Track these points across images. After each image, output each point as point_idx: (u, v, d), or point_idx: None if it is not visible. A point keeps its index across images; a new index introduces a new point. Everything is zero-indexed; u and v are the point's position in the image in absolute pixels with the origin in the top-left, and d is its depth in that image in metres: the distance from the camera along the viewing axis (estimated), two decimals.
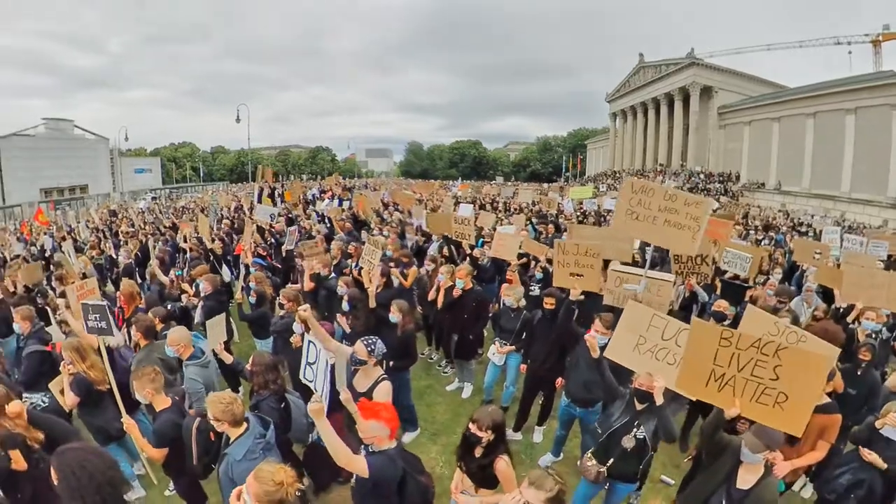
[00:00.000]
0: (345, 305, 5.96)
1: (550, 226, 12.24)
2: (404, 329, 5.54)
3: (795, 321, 5.64)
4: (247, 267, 8.14)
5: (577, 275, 5.32)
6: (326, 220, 13.33)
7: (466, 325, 6.72)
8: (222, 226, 13.91)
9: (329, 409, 3.11)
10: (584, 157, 79.21)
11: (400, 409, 5.53)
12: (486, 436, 3.22)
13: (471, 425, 3.28)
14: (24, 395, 4.85)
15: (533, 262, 8.29)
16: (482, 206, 17.92)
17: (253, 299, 6.88)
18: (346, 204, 16.42)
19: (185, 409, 4.20)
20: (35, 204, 34.63)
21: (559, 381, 5.47)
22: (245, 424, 3.41)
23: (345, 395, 3.59)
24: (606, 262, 6.50)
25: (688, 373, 3.30)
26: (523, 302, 6.21)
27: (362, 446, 3.19)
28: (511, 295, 6.11)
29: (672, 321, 3.80)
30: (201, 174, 76.10)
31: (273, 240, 11.01)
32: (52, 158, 53.28)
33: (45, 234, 16.68)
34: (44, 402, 4.83)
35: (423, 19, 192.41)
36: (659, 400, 3.56)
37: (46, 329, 5.94)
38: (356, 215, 13.69)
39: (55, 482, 2.76)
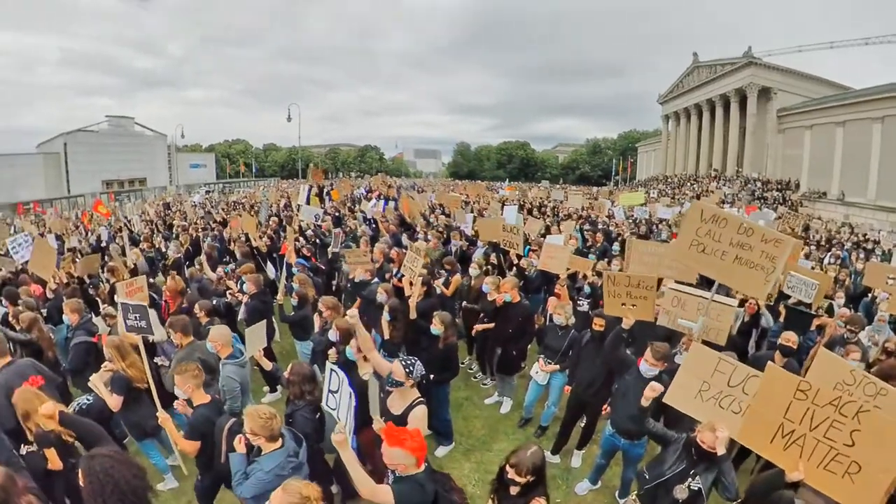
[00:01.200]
0: (385, 316, 5.82)
1: (599, 234, 11.75)
2: (446, 342, 5.38)
3: (864, 356, 5.19)
4: (290, 267, 8.15)
5: (631, 305, 4.98)
6: (371, 221, 13.34)
7: (511, 340, 6.43)
8: (270, 223, 14.08)
9: (358, 425, 3.05)
10: (635, 161, 77.08)
11: (437, 423, 5.46)
12: (525, 480, 2.98)
13: (509, 469, 3.01)
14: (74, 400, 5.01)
15: (581, 275, 7.94)
16: (529, 210, 17.44)
17: (295, 301, 6.86)
18: (392, 204, 16.29)
19: (223, 408, 4.24)
20: (97, 195, 36.47)
21: (606, 407, 5.15)
22: (280, 441, 3.37)
23: (377, 426, 3.52)
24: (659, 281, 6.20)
25: (754, 424, 3.03)
26: (572, 320, 5.95)
27: (389, 471, 3.09)
28: (561, 313, 5.85)
29: (740, 367, 3.45)
30: (254, 170, 78.40)
31: (318, 240, 11.03)
32: (114, 153, 57.11)
33: (101, 225, 17.34)
34: (88, 400, 4.91)
35: (472, 20, 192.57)
36: (721, 451, 3.22)
37: (93, 321, 6.17)
38: (402, 216, 13.63)
39: (81, 484, 2.83)
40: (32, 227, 19.20)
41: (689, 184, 48.19)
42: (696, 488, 3.34)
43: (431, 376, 4.85)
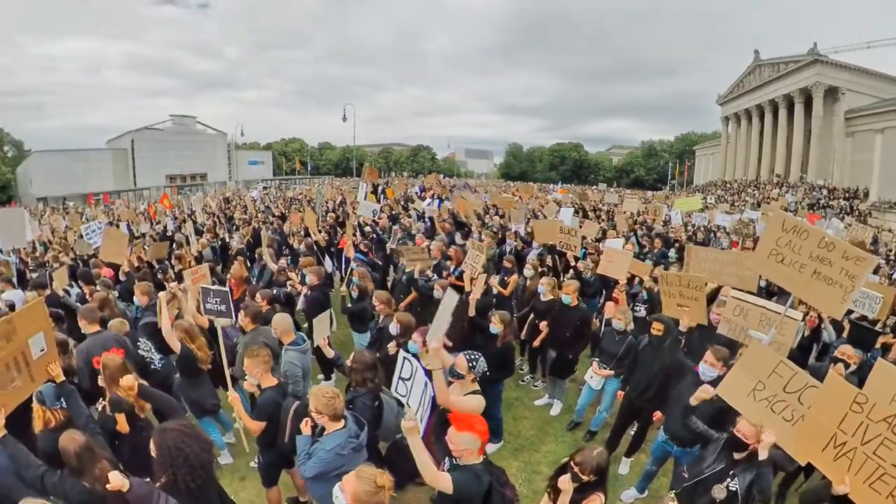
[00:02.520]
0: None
1: (657, 240, 11.33)
2: (504, 341, 5.42)
3: None
4: (349, 261, 8.35)
5: (684, 306, 4.95)
6: (426, 219, 13.48)
7: (567, 344, 6.40)
8: (327, 218, 14.44)
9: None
10: (692, 165, 74.08)
11: (487, 420, 5.44)
12: (587, 479, 3.01)
13: (573, 466, 3.03)
14: (143, 351, 5.45)
15: (637, 280, 7.77)
16: (584, 214, 17.13)
17: (355, 294, 7.05)
18: (446, 203, 16.35)
19: (288, 390, 4.40)
20: (161, 188, 38.38)
21: (658, 414, 5.07)
22: (343, 421, 3.47)
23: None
24: (718, 288, 6.09)
25: (808, 431, 2.95)
26: (632, 325, 5.86)
27: (446, 458, 3.15)
28: (622, 318, 5.76)
29: (800, 374, 3.32)
30: (309, 168, 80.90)
31: (375, 236, 11.20)
32: (177, 149, 60.88)
33: (167, 216, 18.19)
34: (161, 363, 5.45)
35: (519, 19, 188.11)
36: (763, 455, 3.18)
37: None
38: (455, 215, 13.70)
39: (153, 454, 3.00)
40: (103, 216, 20.35)
41: (749, 190, 45.99)
42: (733, 489, 3.30)
43: (487, 373, 4.92)
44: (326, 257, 9.92)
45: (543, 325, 6.68)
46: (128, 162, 59.58)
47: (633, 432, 5.67)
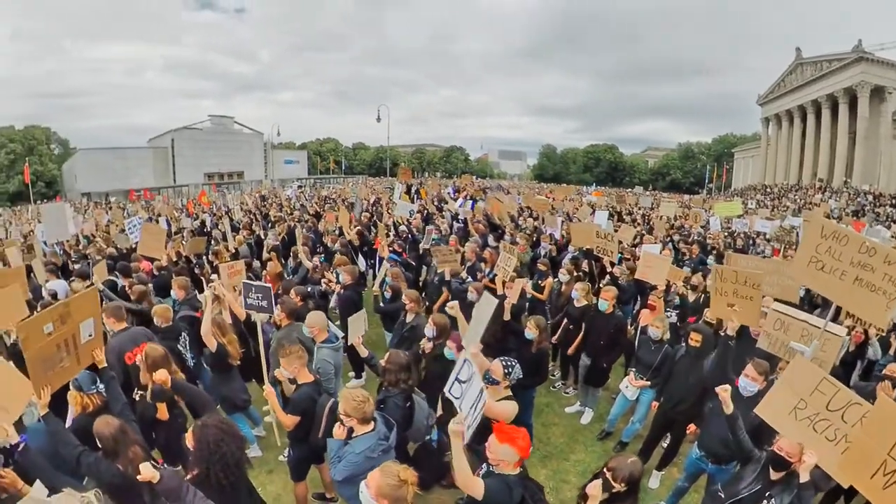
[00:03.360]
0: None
1: (695, 246, 11.08)
2: (539, 347, 5.34)
3: None
4: (382, 260, 8.37)
5: (736, 306, 4.70)
6: (460, 220, 13.45)
7: (601, 351, 6.23)
8: (362, 218, 14.54)
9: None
10: (731, 168, 71.97)
11: (517, 425, 5.41)
12: (619, 487, 2.91)
13: (606, 472, 2.97)
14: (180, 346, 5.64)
15: (672, 286, 7.58)
16: (619, 217, 16.84)
17: (388, 293, 7.06)
18: (480, 205, 16.26)
19: (324, 388, 4.43)
20: (200, 185, 39.44)
21: (692, 427, 4.87)
22: (372, 424, 3.46)
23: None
24: None
25: (855, 456, 2.79)
26: (668, 334, 5.66)
27: (482, 464, 3.10)
28: (659, 326, 5.57)
29: (843, 391, 3.15)
30: (343, 167, 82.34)
31: (409, 236, 11.20)
32: (215, 148, 63.17)
33: (204, 212, 18.60)
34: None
35: (552, 19, 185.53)
36: (804, 477, 3.01)
37: (198, 297, 6.69)
38: (489, 217, 13.63)
39: (190, 447, 3.07)
40: (144, 211, 20.96)
41: (790, 195, 43.89)
42: None
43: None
44: (360, 256, 9.96)
45: (577, 339, 6.56)
46: (168, 160, 61.86)
47: (665, 445, 5.52)
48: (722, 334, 4.76)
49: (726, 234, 15.36)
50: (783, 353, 4.60)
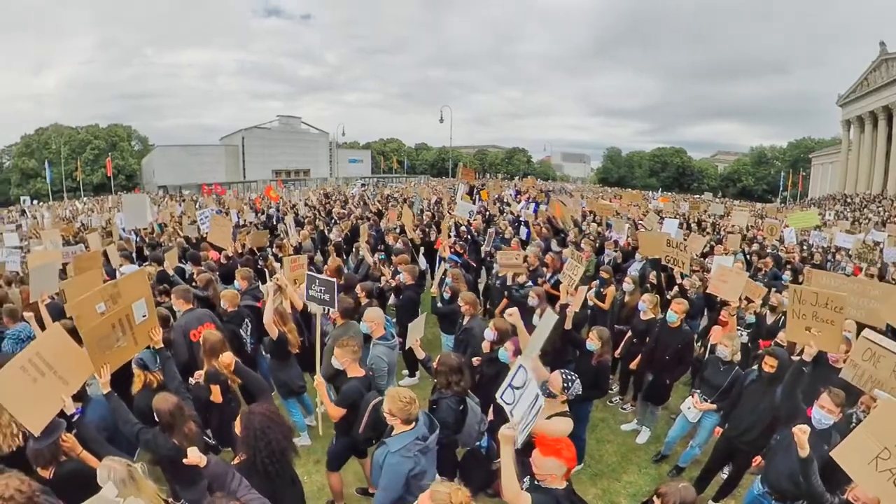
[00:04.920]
0: (535, 320, 5.56)
1: (769, 259, 10.29)
2: (601, 359, 5.14)
3: None
4: (442, 261, 8.33)
5: (814, 330, 4.24)
6: (523, 224, 13.27)
7: (666, 368, 5.86)
8: (423, 217, 14.62)
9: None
10: (807, 174, 66.41)
11: (570, 440, 5.23)
12: None
13: (655, 499, 2.84)
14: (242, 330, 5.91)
15: (745, 302, 7.03)
16: (687, 226, 16.06)
17: (447, 294, 7.01)
18: (542, 208, 15.94)
19: (373, 383, 4.47)
20: (268, 182, 41.10)
21: (757, 459, 4.42)
22: (413, 424, 3.44)
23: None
24: None
25: None
26: (738, 356, 5.25)
27: (527, 477, 3.00)
28: (728, 345, 5.17)
29: None
30: (405, 167, 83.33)
31: (469, 237, 11.08)
32: (283, 147, 66.44)
33: (271, 207, 19.20)
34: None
35: (617, 17, 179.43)
36: None
37: (260, 288, 6.94)
38: (553, 221, 13.41)
39: (238, 432, 3.17)
40: (214, 204, 21.93)
41: (873, 206, 39.92)
42: None
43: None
44: (420, 256, 9.97)
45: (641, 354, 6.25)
46: (238, 157, 65.14)
47: (725, 475, 5.13)
48: (796, 359, 4.38)
49: (802, 247, 14.33)
50: (869, 389, 4.07)
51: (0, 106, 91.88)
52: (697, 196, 50.42)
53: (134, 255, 10.03)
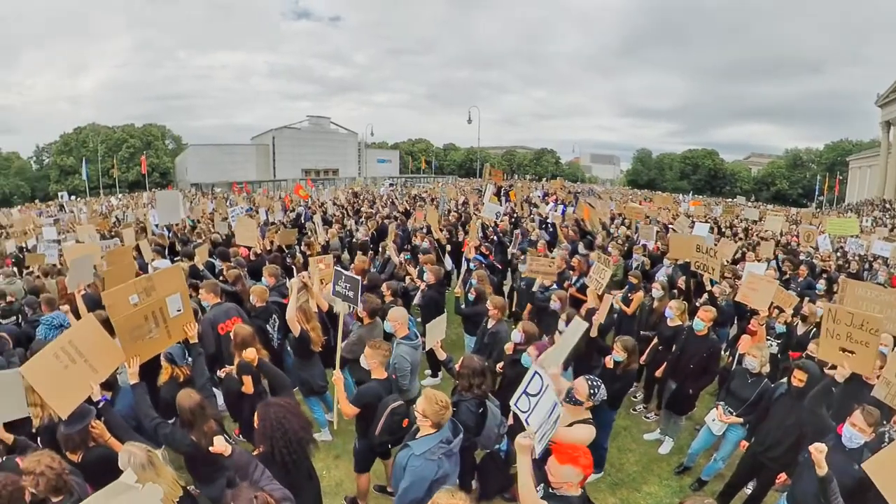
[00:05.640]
0: (561, 325, 5.47)
1: (803, 267, 9.88)
2: (626, 370, 5.03)
3: None
4: (468, 262, 8.32)
5: (848, 351, 4.09)
6: (549, 226, 13.19)
7: (691, 376, 5.68)
8: (449, 218, 14.63)
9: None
10: (845, 178, 63.72)
11: (592, 448, 5.15)
12: None
13: None
14: (269, 325, 6.08)
15: (775, 311, 6.78)
16: (718, 230, 15.66)
17: (472, 296, 6.99)
18: (570, 210, 15.76)
19: (395, 387, 4.50)
20: (297, 180, 41.75)
21: (782, 477, 4.32)
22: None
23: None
24: None
25: None
26: (767, 367, 5.05)
27: (541, 484, 2.96)
28: (757, 355, 4.94)
29: None
30: (433, 167, 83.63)
31: (496, 238, 11.02)
32: (312, 146, 67.35)
33: (300, 205, 19.46)
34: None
35: (647, 15, 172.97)
36: None
37: (287, 285, 7.02)
38: (580, 223, 13.26)
39: (255, 425, 3.23)
40: (244, 202, 22.28)
41: None
42: None
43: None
44: (446, 256, 9.98)
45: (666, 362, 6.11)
46: (269, 156, 66.42)
47: (749, 491, 4.95)
48: (829, 373, 4.24)
49: (839, 254, 13.77)
50: None
51: (41, 106, 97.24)
52: (730, 200, 48.99)
53: (166, 250, 10.27)
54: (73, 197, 44.93)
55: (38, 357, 3.37)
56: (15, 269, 10.70)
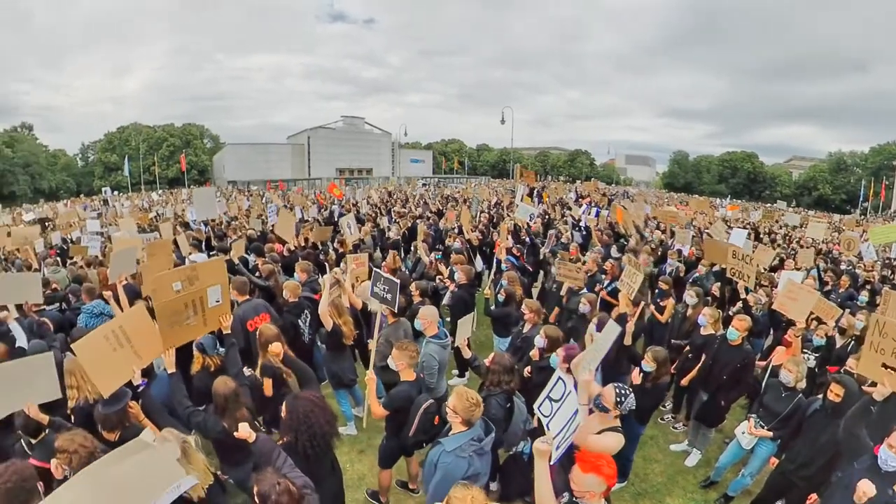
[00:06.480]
0: (591, 329, 5.37)
1: (845, 277, 9.40)
2: (657, 381, 4.86)
3: None
4: (499, 263, 8.34)
5: (891, 367, 3.79)
6: (582, 228, 13.06)
7: (723, 388, 5.45)
8: (481, 218, 14.63)
9: None
10: (891, 184, 60.29)
11: (616, 459, 5.08)
12: None
13: None
14: (300, 320, 6.18)
15: (814, 323, 6.47)
16: (756, 236, 15.17)
17: (501, 297, 6.95)
18: (603, 213, 15.51)
19: (424, 387, 4.52)
20: (331, 179, 42.46)
21: (813, 497, 4.04)
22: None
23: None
24: None
25: None
26: (803, 383, 4.81)
27: (564, 493, 2.93)
28: (792, 369, 4.70)
29: None
30: (466, 168, 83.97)
31: (528, 240, 10.88)
32: (347, 146, 68.71)
33: (334, 204, 19.73)
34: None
35: (683, 14, 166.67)
36: None
37: (319, 281, 7.22)
38: (614, 227, 13.10)
39: (282, 416, 3.31)
40: (279, 200, 22.71)
41: None
42: None
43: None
44: (477, 256, 9.99)
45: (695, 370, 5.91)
46: (304, 155, 67.94)
47: None
48: (868, 390, 4.02)
49: (884, 265, 13.24)
50: None
51: (87, 107, 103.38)
52: (770, 205, 47.18)
53: (202, 244, 10.56)
54: (116, 192, 46.73)
55: (89, 337, 3.65)
56: (59, 259, 11.22)
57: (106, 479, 2.35)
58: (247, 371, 4.86)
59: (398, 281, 5.32)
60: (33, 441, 3.58)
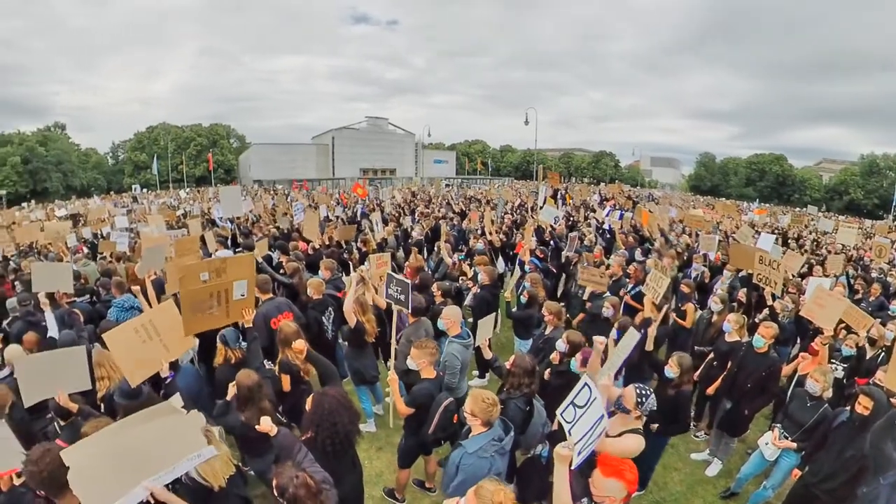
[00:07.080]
0: (613, 333, 5.31)
1: (876, 285, 9.03)
2: (680, 389, 4.72)
3: None
4: (522, 265, 8.30)
5: None
6: (606, 231, 12.99)
7: (747, 396, 5.31)
8: (504, 220, 14.64)
9: None
10: None
11: (638, 465, 5.00)
12: None
13: None
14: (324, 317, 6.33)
15: (843, 332, 6.31)
16: (784, 241, 14.80)
17: (524, 299, 6.95)
18: (627, 216, 15.28)
19: (445, 383, 4.59)
20: (355, 179, 42.89)
21: None
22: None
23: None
24: None
25: None
26: (830, 392, 4.66)
27: (585, 498, 2.91)
28: (819, 379, 4.59)
29: None
30: (489, 169, 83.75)
31: (552, 242, 10.85)
32: (370, 146, 69.38)
33: (358, 203, 19.89)
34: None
35: (709, 12, 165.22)
36: None
37: (342, 279, 7.39)
38: (639, 229, 12.96)
39: (307, 408, 3.38)
40: (304, 199, 22.99)
41: None
42: None
43: (654, 426, 4.35)
44: (500, 257, 9.99)
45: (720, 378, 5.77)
46: (328, 155, 68.61)
47: None
48: (894, 403, 3.93)
49: None
50: None
51: (118, 108, 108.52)
52: (799, 209, 46.01)
53: (228, 241, 10.76)
54: (144, 190, 47.85)
55: (120, 328, 3.87)
56: (90, 252, 11.54)
57: (131, 436, 2.49)
58: (267, 365, 4.98)
59: (408, 281, 5.36)
60: (63, 423, 3.80)
